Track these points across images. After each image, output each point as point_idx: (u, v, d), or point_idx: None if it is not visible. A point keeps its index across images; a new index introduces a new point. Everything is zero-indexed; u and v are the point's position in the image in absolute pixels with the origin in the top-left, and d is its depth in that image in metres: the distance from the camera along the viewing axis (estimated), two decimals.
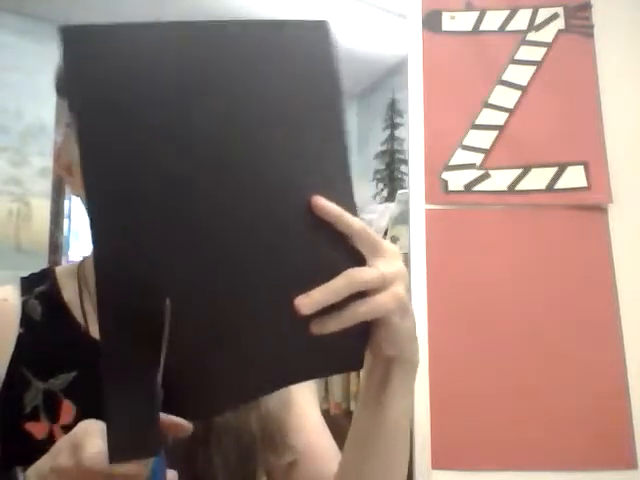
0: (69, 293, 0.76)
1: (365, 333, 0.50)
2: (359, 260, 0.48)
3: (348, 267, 0.46)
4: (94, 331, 0.73)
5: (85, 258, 0.80)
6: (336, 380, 1.85)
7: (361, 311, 0.47)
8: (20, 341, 0.70)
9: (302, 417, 0.77)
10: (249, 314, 0.46)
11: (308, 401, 0.79)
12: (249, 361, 0.47)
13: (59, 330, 0.73)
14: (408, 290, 0.51)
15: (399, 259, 0.51)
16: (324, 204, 0.45)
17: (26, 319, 0.72)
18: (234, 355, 0.47)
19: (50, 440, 0.66)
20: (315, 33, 0.44)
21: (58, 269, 0.79)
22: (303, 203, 0.44)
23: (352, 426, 0.65)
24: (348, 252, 0.47)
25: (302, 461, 0.74)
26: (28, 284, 0.76)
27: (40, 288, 0.75)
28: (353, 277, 0.46)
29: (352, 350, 0.51)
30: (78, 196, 0.74)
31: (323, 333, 0.46)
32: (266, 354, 0.48)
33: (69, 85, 0.40)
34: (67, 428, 0.66)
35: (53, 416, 0.68)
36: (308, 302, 0.45)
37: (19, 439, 0.67)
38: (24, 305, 0.73)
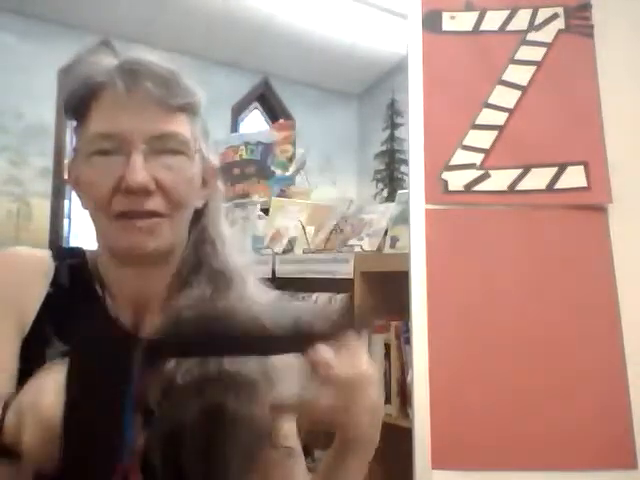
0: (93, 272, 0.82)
1: None
2: None
3: None
4: (112, 310, 0.80)
5: (92, 253, 0.84)
6: None
7: None
8: (48, 300, 0.77)
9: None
10: None
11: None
12: None
13: (84, 301, 0.79)
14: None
15: None
16: None
17: (56, 282, 0.78)
18: None
19: None
20: None
21: (87, 251, 0.85)
22: None
23: None
24: None
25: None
26: (60, 254, 0.82)
27: (70, 261, 0.81)
28: None
29: None
30: (86, 209, 0.78)
31: None
32: None
33: None
34: None
35: None
36: None
37: None
38: (57, 269, 0.79)
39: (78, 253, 0.83)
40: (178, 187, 0.75)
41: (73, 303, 0.77)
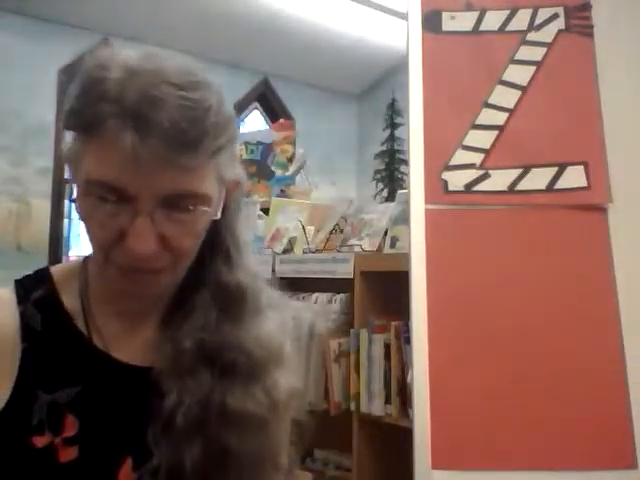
0: (69, 297, 0.73)
1: None
2: None
3: None
4: (97, 340, 0.71)
5: (88, 257, 0.76)
6: (336, 380, 1.86)
7: None
8: (24, 356, 0.68)
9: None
10: None
11: None
12: None
13: (62, 341, 0.70)
14: None
15: None
16: None
17: (27, 331, 0.70)
18: None
19: (49, 449, 0.66)
20: None
21: (54, 270, 0.75)
22: None
23: None
24: None
25: None
26: (24, 290, 0.72)
27: (37, 294, 0.72)
28: None
29: None
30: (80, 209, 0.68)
31: None
32: None
33: None
34: (69, 440, 0.67)
35: (57, 429, 0.67)
36: None
37: (22, 451, 0.66)
38: (22, 315, 0.70)
39: (43, 279, 0.73)
40: (186, 242, 0.66)
41: (52, 347, 0.69)
